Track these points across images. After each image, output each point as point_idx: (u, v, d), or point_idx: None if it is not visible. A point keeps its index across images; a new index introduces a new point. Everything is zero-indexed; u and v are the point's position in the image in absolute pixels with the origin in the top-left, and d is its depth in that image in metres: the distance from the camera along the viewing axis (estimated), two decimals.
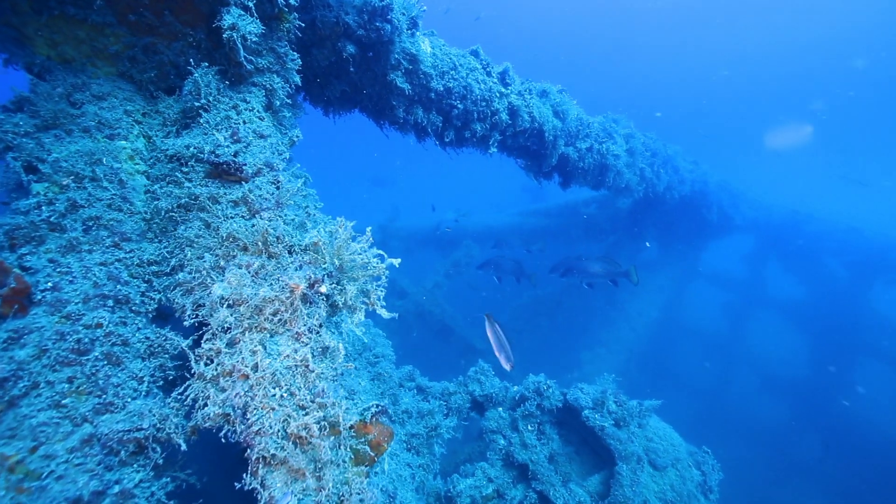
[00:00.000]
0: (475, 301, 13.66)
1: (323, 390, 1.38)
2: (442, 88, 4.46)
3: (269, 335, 1.47)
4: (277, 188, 1.95)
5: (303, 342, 1.48)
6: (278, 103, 2.58)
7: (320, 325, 1.55)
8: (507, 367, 3.61)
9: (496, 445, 3.66)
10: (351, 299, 1.61)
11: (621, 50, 44.21)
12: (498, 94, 5.00)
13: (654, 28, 40.09)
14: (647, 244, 12.42)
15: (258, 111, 2.37)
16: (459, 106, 4.70)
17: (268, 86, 2.54)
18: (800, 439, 12.36)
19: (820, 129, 45.18)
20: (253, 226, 1.68)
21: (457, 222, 11.72)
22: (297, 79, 2.75)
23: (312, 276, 1.53)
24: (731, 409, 13.40)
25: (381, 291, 1.70)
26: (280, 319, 1.49)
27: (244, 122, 2.25)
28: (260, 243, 1.64)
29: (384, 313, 1.66)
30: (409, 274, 12.78)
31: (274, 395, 1.34)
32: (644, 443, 3.81)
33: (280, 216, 1.84)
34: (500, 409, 3.88)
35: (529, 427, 3.67)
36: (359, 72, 3.83)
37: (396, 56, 3.88)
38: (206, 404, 1.34)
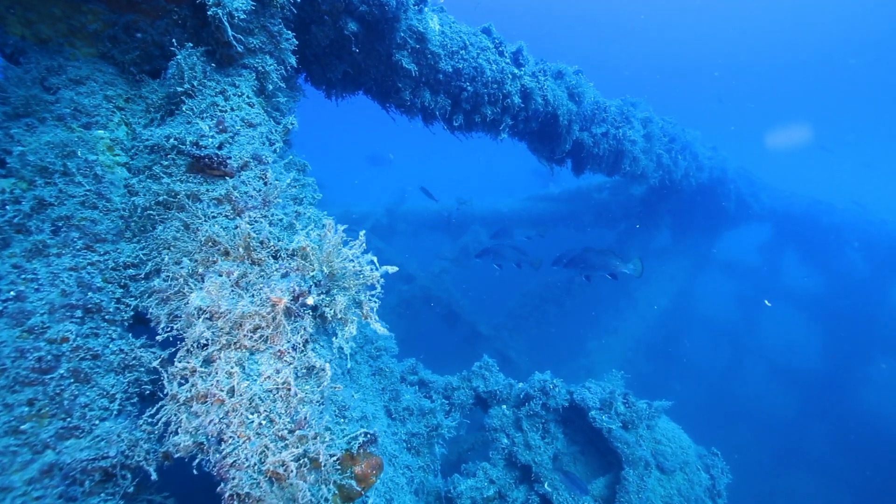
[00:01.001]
0: (483, 286, 13.53)
1: (305, 417, 1.25)
2: (451, 69, 4.21)
3: (248, 353, 1.33)
4: (266, 184, 1.79)
5: (286, 361, 1.34)
6: (271, 87, 2.39)
7: (306, 342, 1.41)
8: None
9: (499, 444, 3.57)
10: (342, 311, 1.47)
11: (627, 36, 42.70)
12: (510, 76, 4.73)
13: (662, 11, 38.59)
14: (637, 225, 12.08)
15: (248, 96, 2.19)
16: (469, 88, 4.46)
17: (260, 68, 2.35)
18: (809, 432, 12.22)
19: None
20: (235, 228, 1.53)
21: (459, 210, 11.46)
22: (293, 60, 2.55)
23: (297, 287, 1.38)
24: (740, 400, 13.27)
25: (376, 303, 1.55)
26: (261, 336, 1.35)
27: (232, 110, 2.07)
28: (241, 248, 1.49)
29: (379, 328, 1.51)
30: (416, 258, 12.66)
31: (251, 423, 1.22)
32: (652, 445, 3.69)
33: (267, 216, 1.68)
34: (504, 406, 3.77)
35: (534, 427, 3.56)
36: (362, 51, 3.60)
37: (402, 34, 3.64)
38: (177, 431, 1.22)
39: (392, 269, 1.57)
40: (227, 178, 1.78)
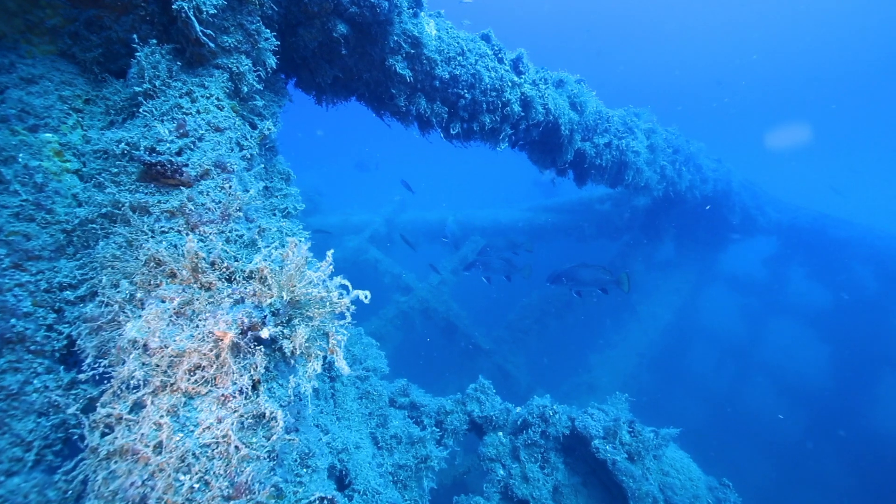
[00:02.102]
0: (482, 298, 13.29)
1: (248, 480, 1.03)
2: (448, 76, 4.03)
3: (185, 399, 1.12)
4: (228, 194, 1.58)
5: (230, 409, 1.13)
6: (247, 90, 2.20)
7: (256, 384, 1.19)
8: None
9: (494, 476, 3.31)
10: (302, 345, 1.25)
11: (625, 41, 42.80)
12: (510, 84, 4.56)
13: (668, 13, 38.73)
14: (644, 240, 11.89)
15: (218, 98, 1.99)
16: (467, 96, 4.28)
17: (234, 69, 2.16)
18: (816, 451, 11.86)
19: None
20: (184, 245, 1.32)
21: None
22: (273, 61, 2.37)
23: (247, 318, 1.17)
24: (745, 416, 12.92)
25: (343, 335, 1.32)
26: (202, 377, 1.14)
27: (198, 112, 1.88)
28: (188, 270, 1.28)
29: (344, 366, 1.29)
30: (414, 269, 12.45)
31: (181, 486, 1.00)
32: (660, 478, 3.43)
33: (224, 231, 1.48)
34: (501, 433, 3.53)
35: (532, 457, 3.31)
36: (353, 55, 3.43)
37: (396, 38, 3.47)
38: (92, 494, 1.00)
39: (365, 294, 1.36)
40: (183, 187, 1.58)
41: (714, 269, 12.64)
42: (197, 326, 1.17)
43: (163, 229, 1.46)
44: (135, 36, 1.92)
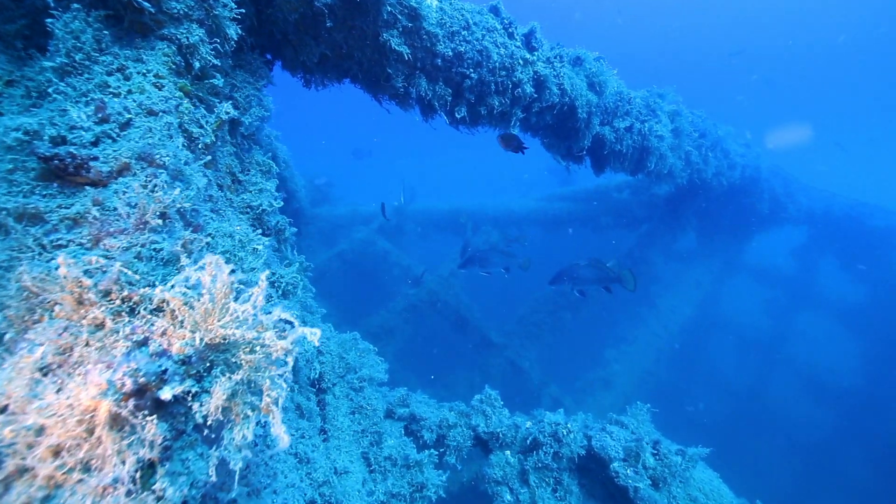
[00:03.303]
0: (493, 291, 12.91)
1: None
2: (451, 53, 3.61)
3: (45, 493, 0.80)
4: (150, 195, 1.24)
5: None
6: (199, 65, 1.84)
7: (149, 467, 0.86)
8: None
9: (500, 501, 2.98)
10: (220, 407, 0.91)
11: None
12: (521, 62, 4.11)
13: None
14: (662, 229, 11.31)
15: (157, 76, 1.63)
16: (473, 75, 3.85)
17: (184, 40, 1.80)
18: (844, 452, 11.31)
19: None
20: (67, 267, 0.98)
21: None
22: (234, 31, 2.00)
23: (131, 380, 0.83)
24: (768, 413, 12.41)
25: (282, 389, 0.97)
26: (72, 461, 0.81)
27: (129, 93, 1.52)
28: (68, 302, 0.95)
29: (282, 435, 0.93)
30: (424, 260, 12.12)
31: None
32: None
33: (136, 245, 1.13)
34: (508, 452, 3.19)
35: (543, 481, 2.97)
36: (341, 30, 3.03)
37: (390, 9, 3.05)
38: None
39: (314, 333, 1.00)
40: (93, 187, 1.24)
41: (738, 260, 11.99)
42: (61, 390, 0.84)
43: (58, 243, 1.13)
44: (51, 2, 1.56)
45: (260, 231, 2.28)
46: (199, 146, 1.80)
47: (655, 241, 11.35)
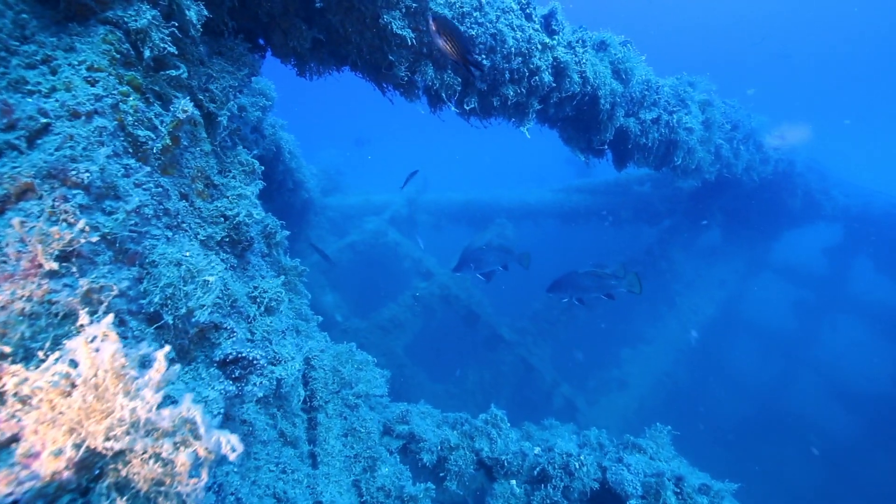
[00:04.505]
0: (506, 285, 12.57)
1: None
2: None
3: None
4: (52, 228, 0.97)
5: None
6: (151, 53, 1.55)
7: None
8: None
9: None
10: None
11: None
12: (540, 46, 3.72)
13: None
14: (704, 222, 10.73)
15: (91, 68, 1.35)
16: (485, 62, 3.49)
17: (131, 24, 1.50)
18: (873, 462, 10.79)
19: None
20: None
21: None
22: (195, 13, 1.69)
23: None
24: (791, 416, 11.92)
25: None
26: None
27: (52, 90, 1.24)
28: None
29: None
30: (436, 252, 11.83)
31: None
32: None
33: (21, 298, 0.86)
34: (514, 482, 2.92)
35: None
36: (336, 11, 2.71)
37: None
38: None
39: (231, 444, 0.72)
40: None
41: (766, 259, 11.39)
42: None
43: None
44: None
45: (230, 245, 2.01)
46: (153, 152, 1.52)
47: (677, 236, 10.84)
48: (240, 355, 1.42)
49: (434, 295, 10.43)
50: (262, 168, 2.59)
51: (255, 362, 1.45)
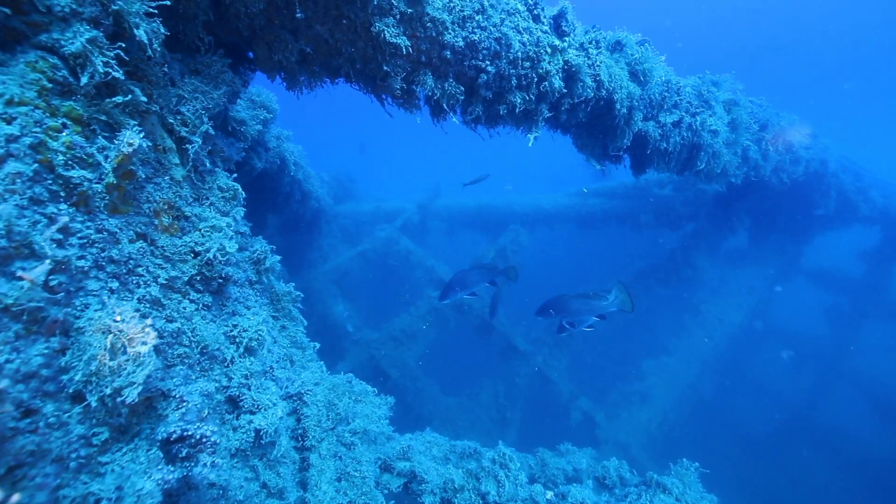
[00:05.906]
0: (520, 294, 12.25)
1: None
2: (462, 43, 3.01)
3: None
4: None
5: None
6: (90, 80, 1.35)
7: None
8: None
9: None
10: None
11: None
12: (549, 49, 3.45)
13: None
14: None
15: (11, 101, 1.15)
16: (490, 68, 3.24)
17: (66, 49, 1.31)
18: None
19: None
20: None
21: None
22: (144, 32, 1.50)
23: None
24: (825, 429, 11.26)
25: None
26: None
27: None
28: None
29: None
30: (449, 259, 11.59)
31: None
32: None
33: None
34: None
35: None
36: (323, 20, 2.50)
37: None
38: None
39: None
40: None
41: (797, 264, 10.79)
42: None
43: None
44: None
45: (202, 283, 1.81)
46: (95, 192, 1.33)
47: (701, 241, 10.34)
48: (185, 433, 1.21)
49: (447, 304, 10.20)
50: (269, 182, 2.40)
51: (203, 440, 1.24)
